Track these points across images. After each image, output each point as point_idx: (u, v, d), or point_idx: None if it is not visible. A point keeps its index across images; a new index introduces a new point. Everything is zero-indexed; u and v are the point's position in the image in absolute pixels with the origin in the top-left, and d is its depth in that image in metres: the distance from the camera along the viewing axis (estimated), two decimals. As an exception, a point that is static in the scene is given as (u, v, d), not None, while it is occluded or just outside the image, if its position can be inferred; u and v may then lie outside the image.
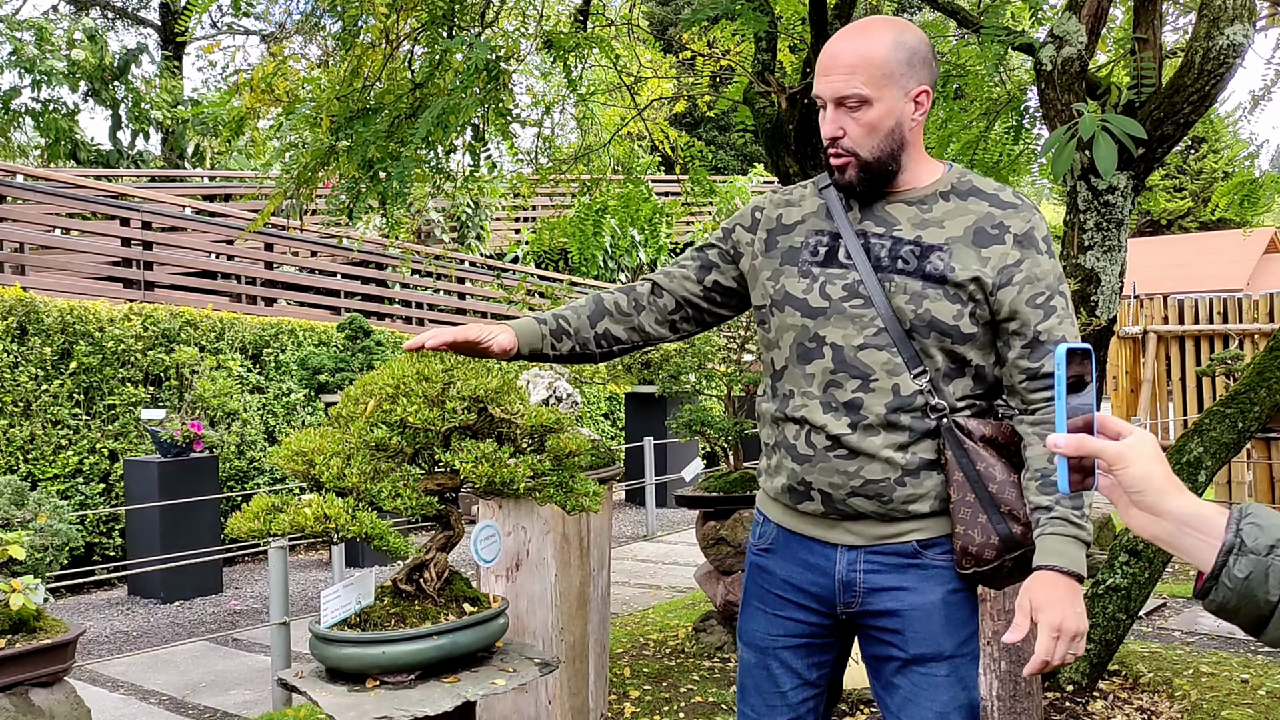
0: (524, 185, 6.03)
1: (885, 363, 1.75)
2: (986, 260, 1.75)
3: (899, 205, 1.81)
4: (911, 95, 1.77)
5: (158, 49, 18.82)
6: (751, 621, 1.94)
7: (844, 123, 1.76)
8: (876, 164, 1.77)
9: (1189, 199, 28.68)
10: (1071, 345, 1.10)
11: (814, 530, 1.84)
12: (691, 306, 2.00)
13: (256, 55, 20.78)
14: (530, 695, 3.12)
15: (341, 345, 8.13)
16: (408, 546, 1.78)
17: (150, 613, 6.48)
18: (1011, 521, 1.73)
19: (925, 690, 1.78)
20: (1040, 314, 1.74)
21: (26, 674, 2.86)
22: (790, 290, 1.83)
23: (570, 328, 1.94)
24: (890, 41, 1.75)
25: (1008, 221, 1.77)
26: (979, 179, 1.85)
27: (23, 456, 6.89)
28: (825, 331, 1.78)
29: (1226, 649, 4.82)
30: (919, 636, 1.78)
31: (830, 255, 1.81)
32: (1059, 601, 1.62)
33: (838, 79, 1.76)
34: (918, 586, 1.78)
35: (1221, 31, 3.55)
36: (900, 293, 1.75)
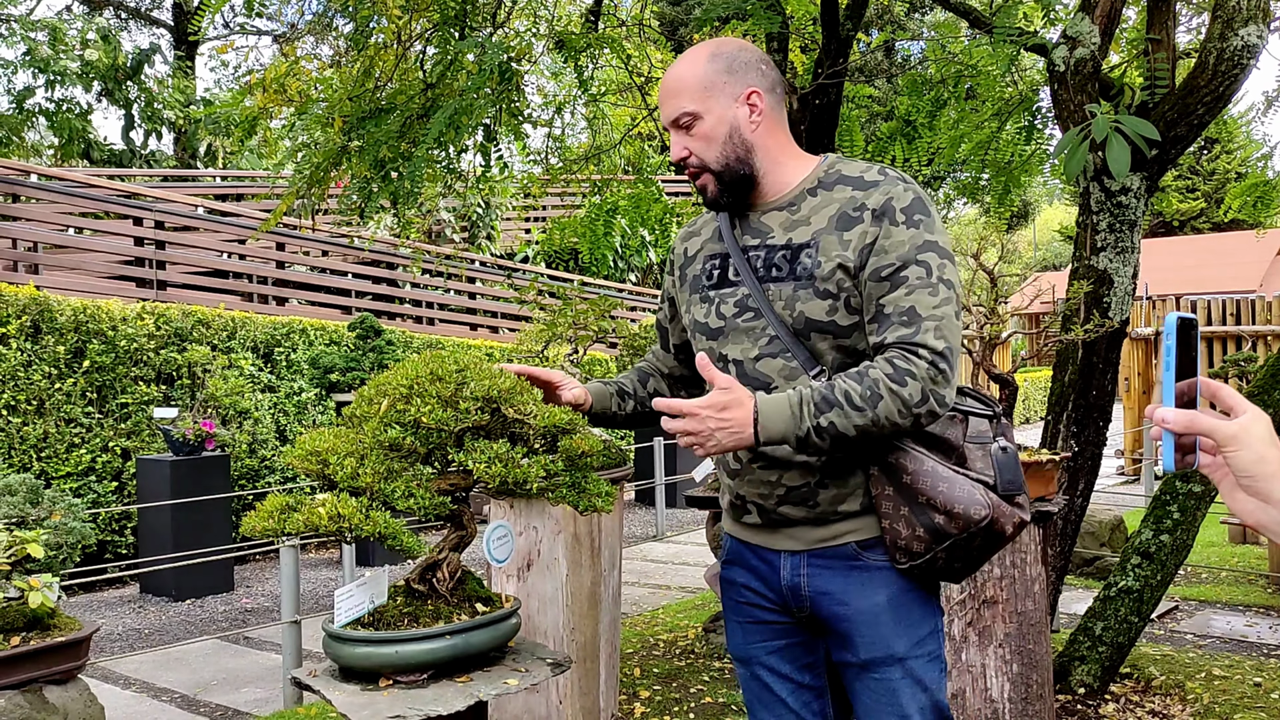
0: (535, 185, 6.04)
1: (781, 369, 1.78)
2: (848, 244, 1.74)
3: (771, 213, 1.85)
4: (741, 99, 1.81)
5: (170, 49, 18.89)
6: (733, 635, 1.96)
7: (685, 143, 1.83)
8: (728, 171, 1.82)
9: (1202, 200, 28.56)
10: (1183, 315, 1.05)
11: (758, 538, 1.88)
12: (683, 378, 2.10)
13: (269, 56, 20.85)
14: (541, 695, 3.12)
15: (352, 344, 8.15)
16: (421, 546, 1.78)
17: (162, 611, 6.50)
18: (932, 512, 1.70)
19: (883, 696, 1.78)
20: (886, 286, 1.71)
21: (41, 671, 2.87)
22: (696, 317, 1.89)
23: (629, 389, 2.06)
24: (705, 56, 1.83)
25: (867, 200, 1.76)
26: (848, 164, 1.84)
27: (36, 455, 6.93)
28: (726, 349, 1.84)
29: (1239, 652, 4.79)
30: (868, 640, 1.77)
31: (722, 276, 1.87)
32: (725, 411, 1.64)
33: (668, 104, 1.83)
34: (861, 589, 1.78)
35: (1235, 32, 3.54)
36: (778, 299, 1.78)
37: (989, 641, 3.05)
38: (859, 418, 1.65)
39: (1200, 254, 22.62)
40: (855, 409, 1.64)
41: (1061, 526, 4.06)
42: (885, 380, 1.65)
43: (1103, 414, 4.01)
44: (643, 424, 2.07)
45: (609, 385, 2.04)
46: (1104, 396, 4.00)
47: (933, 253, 1.71)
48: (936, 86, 4.88)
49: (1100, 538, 6.47)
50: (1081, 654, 4.00)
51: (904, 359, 1.66)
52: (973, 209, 32.10)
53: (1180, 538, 3.96)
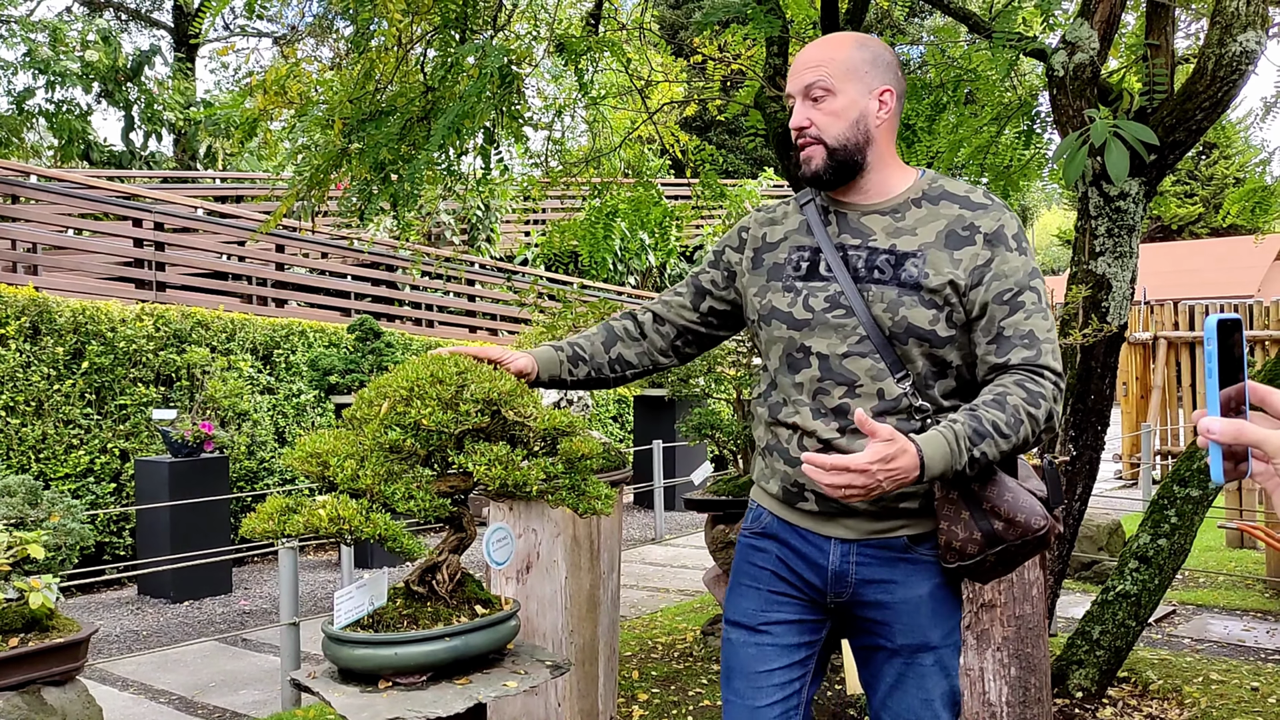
0: (535, 188, 6.05)
1: (869, 369, 1.82)
2: (959, 262, 1.81)
3: (873, 216, 1.89)
4: (875, 93, 1.86)
5: (170, 50, 18.90)
6: (742, 600, 1.97)
7: (809, 113, 1.86)
8: (843, 151, 1.85)
9: (1200, 205, 28.60)
10: (1222, 317, 1.01)
11: (808, 523, 1.90)
12: (691, 333, 2.09)
13: (269, 58, 20.86)
14: (540, 698, 3.12)
15: (352, 346, 8.15)
16: (421, 548, 1.78)
17: (160, 612, 6.50)
18: (993, 518, 1.78)
19: (912, 680, 1.86)
20: (1006, 309, 1.79)
21: (39, 672, 2.87)
22: (776, 305, 1.91)
23: (585, 354, 2.03)
24: (854, 43, 1.89)
25: (978, 222, 1.84)
26: (950, 182, 1.91)
27: (34, 456, 6.93)
28: (811, 342, 1.86)
29: (1236, 656, 4.80)
30: (906, 628, 1.85)
31: (811, 269, 1.89)
32: (892, 463, 1.64)
33: (806, 72, 1.87)
34: (907, 580, 1.85)
35: (1234, 38, 3.55)
36: (878, 301, 1.82)
37: (987, 645, 3.05)
38: (1005, 444, 1.72)
39: (1198, 259, 22.65)
40: (1003, 436, 1.72)
41: (1060, 530, 4.07)
42: (1024, 405, 1.74)
43: (1101, 418, 4.02)
44: (592, 388, 2.09)
45: (561, 350, 2.03)
46: (1102, 401, 4.00)
47: (1039, 280, 1.84)
48: (936, 91, 4.89)
49: (1098, 542, 6.48)
50: (1079, 658, 4.00)
51: (1033, 381, 1.76)
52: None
53: (1178, 542, 3.97)
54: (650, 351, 2.09)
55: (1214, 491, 4.01)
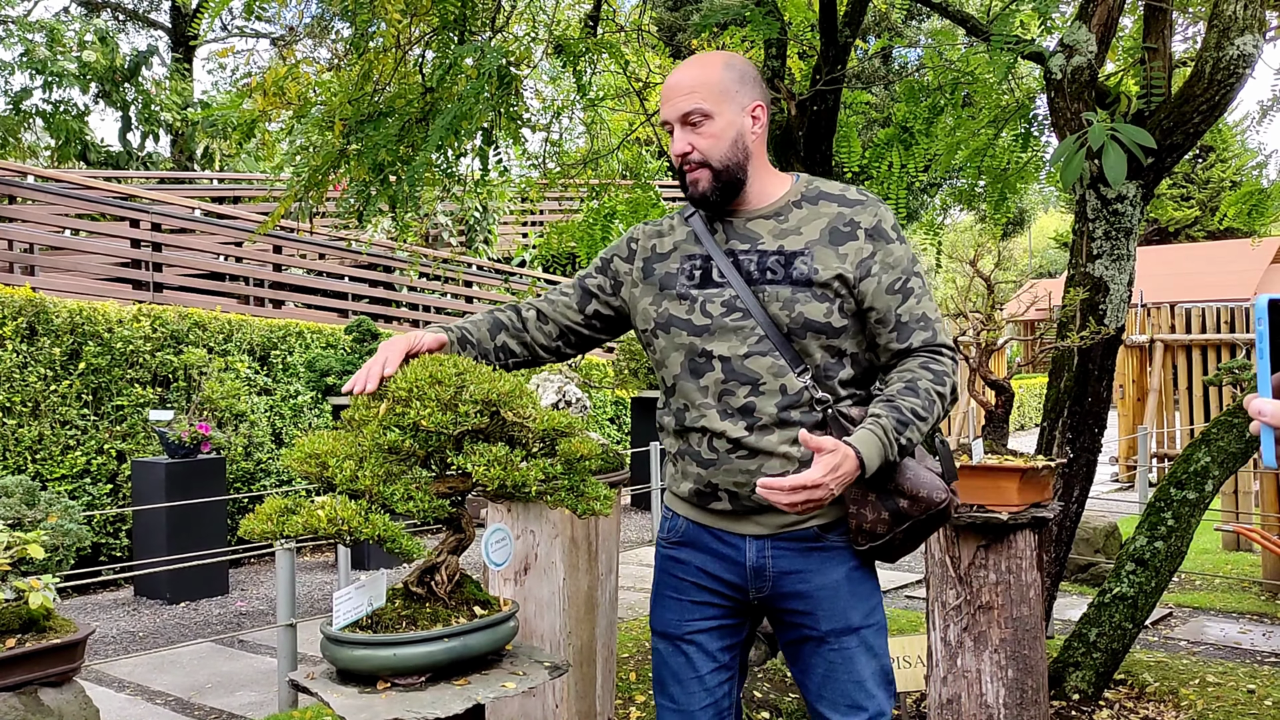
0: (532, 190, 6.05)
1: (770, 366, 1.90)
2: (844, 256, 1.92)
3: (758, 221, 1.98)
4: (748, 110, 1.96)
5: (168, 51, 18.88)
6: (665, 611, 2.06)
7: (690, 139, 1.94)
8: (727, 172, 1.94)
9: (1197, 208, 28.64)
10: (1274, 296, 1.00)
11: (722, 523, 1.99)
12: (574, 334, 2.15)
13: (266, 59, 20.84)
14: (538, 699, 3.12)
15: (349, 347, 8.15)
16: (420, 549, 1.78)
17: (156, 613, 6.49)
18: (898, 497, 1.88)
19: (841, 664, 1.94)
20: (899, 298, 1.92)
21: (36, 673, 2.86)
22: (673, 313, 1.98)
23: (473, 339, 2.07)
24: (722, 64, 1.96)
25: (857, 218, 1.95)
26: (825, 183, 2.02)
27: (31, 456, 6.92)
28: (712, 346, 1.93)
29: (1233, 659, 4.81)
30: (828, 613, 1.94)
31: (705, 276, 1.97)
32: (839, 470, 1.75)
33: (680, 100, 1.94)
34: (821, 568, 1.94)
35: (1232, 41, 3.56)
36: (774, 300, 1.91)
37: (984, 647, 3.06)
38: (924, 425, 1.86)
39: (1195, 262, 22.68)
40: (921, 419, 1.85)
41: (1057, 533, 4.07)
42: (933, 387, 1.88)
43: (1098, 421, 4.03)
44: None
45: (450, 333, 2.05)
46: (1099, 403, 4.01)
47: (919, 265, 1.97)
48: (934, 93, 4.90)
49: (1095, 544, 6.49)
50: (1076, 660, 4.01)
51: (935, 361, 1.91)
52: (969, 216, 32.18)
53: (1174, 545, 3.98)
54: (532, 345, 2.13)
55: (1210, 494, 4.02)
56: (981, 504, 3.00)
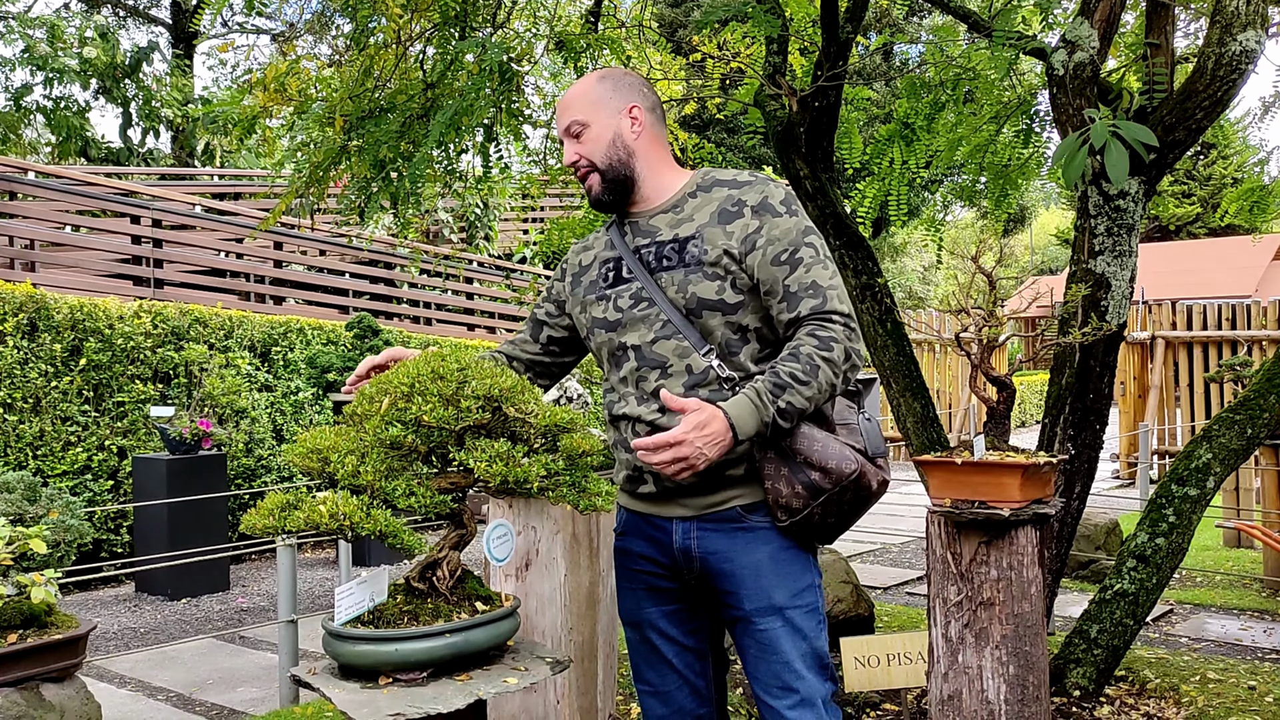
0: (533, 186, 6.04)
1: (675, 349, 2.01)
2: (731, 234, 2.01)
3: (658, 216, 2.11)
4: (624, 112, 2.10)
5: (168, 47, 18.87)
6: (625, 601, 2.18)
7: (575, 148, 2.12)
8: (611, 170, 2.09)
9: (1198, 205, 28.62)
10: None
11: (651, 508, 2.09)
12: (538, 364, 2.30)
13: (266, 55, 20.82)
14: (539, 695, 3.13)
15: (350, 344, 8.14)
16: (421, 544, 1.78)
17: (158, 609, 6.50)
18: (809, 469, 1.93)
19: (768, 645, 2.00)
20: (786, 269, 1.97)
21: (38, 669, 2.87)
22: (595, 315, 2.13)
23: None
24: (595, 79, 2.14)
25: (743, 197, 2.04)
26: (721, 172, 2.13)
27: (32, 453, 6.92)
28: (625, 338, 2.07)
29: (1234, 655, 4.81)
30: (751, 592, 2.00)
31: (616, 276, 2.12)
32: (705, 428, 1.83)
33: (562, 117, 2.13)
34: (745, 548, 2.01)
35: (1234, 37, 3.55)
36: (670, 285, 2.02)
37: (985, 643, 3.06)
38: (806, 390, 1.89)
39: (1196, 259, 22.67)
40: (802, 384, 1.89)
41: (1058, 529, 4.07)
42: (816, 352, 1.91)
43: (1099, 417, 4.02)
44: None
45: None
46: (1101, 400, 4.01)
47: (814, 235, 2.02)
48: (935, 90, 4.89)
49: (1096, 541, 6.49)
50: (1077, 656, 4.01)
51: (822, 328, 1.94)
52: (970, 212, 32.16)
53: (1175, 541, 3.97)
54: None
55: (1212, 491, 4.01)
56: (983, 500, 3.00)
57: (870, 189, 5.14)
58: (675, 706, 2.13)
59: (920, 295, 35.00)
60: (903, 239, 29.84)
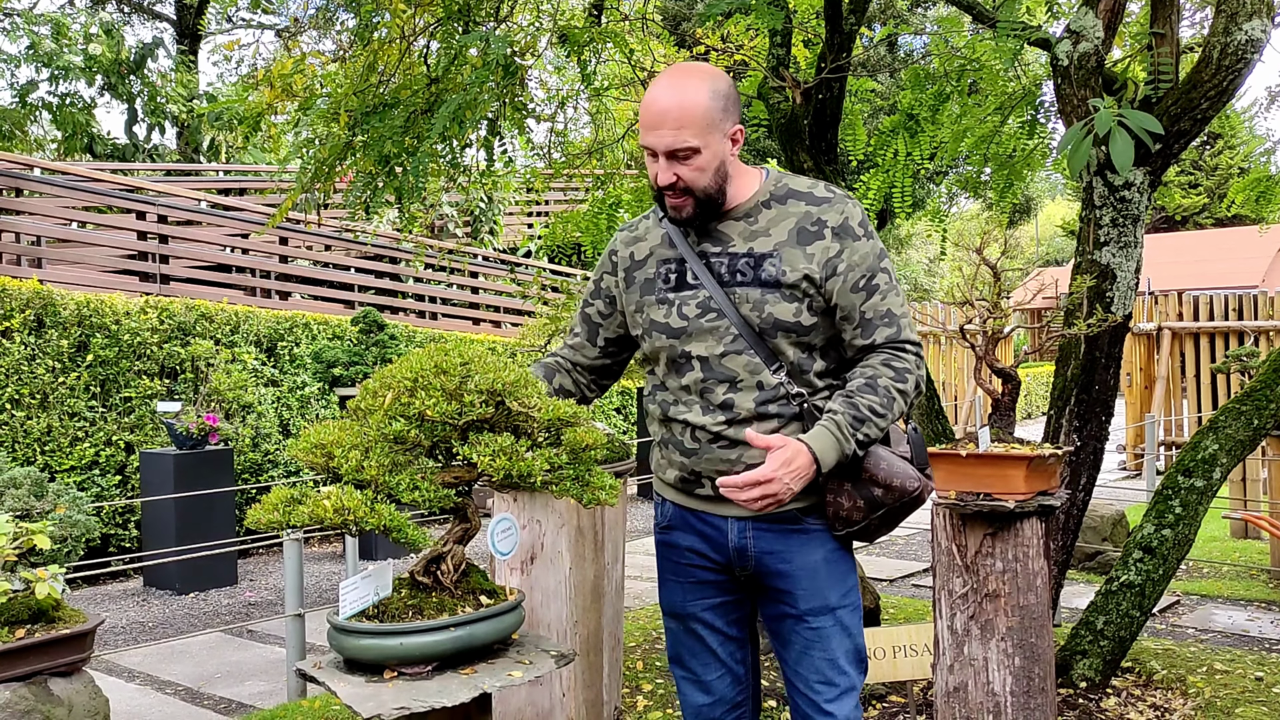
0: (538, 180, 6.04)
1: (746, 364, 1.98)
2: (811, 257, 1.97)
3: (728, 223, 2.04)
4: (730, 135, 1.99)
5: (173, 43, 18.88)
6: (670, 594, 2.18)
7: (677, 170, 1.96)
8: (708, 199, 1.99)
9: (1204, 195, 28.51)
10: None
11: (706, 506, 2.08)
12: (601, 368, 2.26)
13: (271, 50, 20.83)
14: (545, 688, 3.13)
15: (355, 339, 8.16)
16: (425, 539, 1.79)
17: (165, 604, 6.52)
18: (873, 485, 1.95)
19: (816, 642, 2.04)
20: (864, 295, 1.98)
21: (46, 663, 2.88)
22: (654, 318, 2.07)
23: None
24: (709, 92, 1.95)
25: (824, 216, 2.00)
26: (794, 180, 2.07)
27: (40, 448, 6.94)
28: (690, 347, 2.02)
29: (1241, 646, 4.80)
30: (807, 593, 2.03)
31: (680, 280, 2.05)
32: (791, 464, 1.86)
33: (667, 134, 1.94)
34: (801, 549, 2.03)
35: (1240, 26, 3.54)
36: (745, 302, 1.99)
37: (991, 635, 3.06)
38: (883, 421, 1.93)
39: (1202, 249, 22.60)
40: (879, 416, 1.92)
41: (1064, 521, 4.07)
42: (893, 384, 1.94)
43: (1105, 409, 4.02)
44: None
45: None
46: (1106, 391, 4.00)
47: (887, 259, 2.02)
48: (939, 81, 4.87)
49: (1102, 532, 6.48)
50: (1083, 648, 4.01)
51: (897, 358, 1.97)
52: (975, 204, 32.07)
53: (1182, 532, 3.97)
54: (579, 385, 2.25)
55: (1218, 482, 4.01)
56: (988, 492, 2.99)
57: (875, 181, 5.13)
58: (717, 695, 2.15)
59: (925, 287, 34.95)
60: (907, 231, 29.77)
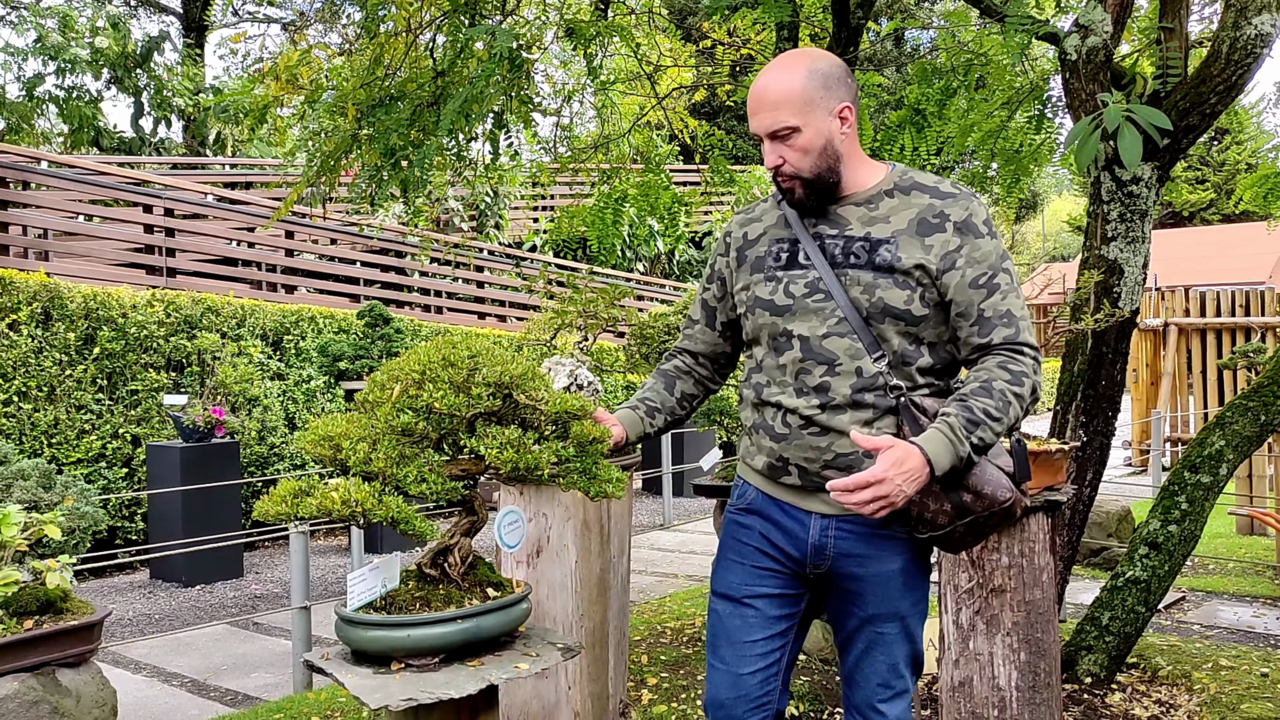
0: (543, 174, 6.04)
1: (848, 349, 1.94)
2: (930, 248, 1.93)
3: (848, 207, 2.01)
4: (835, 113, 1.96)
5: (179, 36, 18.88)
6: (728, 574, 2.12)
7: (781, 152, 1.96)
8: (818, 180, 1.97)
9: (1212, 191, 28.43)
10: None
11: (791, 497, 2.03)
12: (723, 355, 2.25)
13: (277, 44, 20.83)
14: (550, 681, 3.14)
15: (361, 332, 8.17)
16: (433, 531, 1.79)
17: (172, 596, 6.54)
18: (962, 491, 1.88)
19: (879, 646, 2.02)
20: (984, 293, 1.93)
21: (54, 654, 2.90)
22: (759, 294, 2.04)
23: (657, 404, 2.20)
24: (805, 71, 1.95)
25: (947, 210, 1.96)
26: (920, 175, 2.03)
27: (47, 441, 6.96)
28: (793, 326, 1.99)
29: (1246, 643, 4.80)
30: (879, 599, 2.00)
31: (791, 259, 2.02)
32: (903, 465, 1.77)
33: (766, 116, 1.95)
34: (880, 555, 1.98)
35: (1249, 21, 3.52)
36: (855, 285, 1.95)
37: (997, 630, 3.06)
38: (998, 425, 1.87)
39: (1210, 245, 22.54)
40: (994, 420, 1.86)
41: (1069, 516, 4.07)
42: (1009, 388, 1.88)
43: (1112, 404, 4.01)
44: (672, 429, 2.26)
45: (636, 409, 2.18)
46: (1113, 387, 3.99)
47: (1009, 261, 1.98)
48: (946, 75, 4.86)
49: (1108, 528, 6.48)
50: (1088, 643, 4.01)
51: (1014, 360, 1.91)
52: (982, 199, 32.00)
53: (1188, 528, 3.96)
54: (702, 380, 2.25)
55: (1224, 478, 4.00)
56: (994, 487, 2.99)
57: (881, 176, 5.11)
58: (742, 691, 2.08)
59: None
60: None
